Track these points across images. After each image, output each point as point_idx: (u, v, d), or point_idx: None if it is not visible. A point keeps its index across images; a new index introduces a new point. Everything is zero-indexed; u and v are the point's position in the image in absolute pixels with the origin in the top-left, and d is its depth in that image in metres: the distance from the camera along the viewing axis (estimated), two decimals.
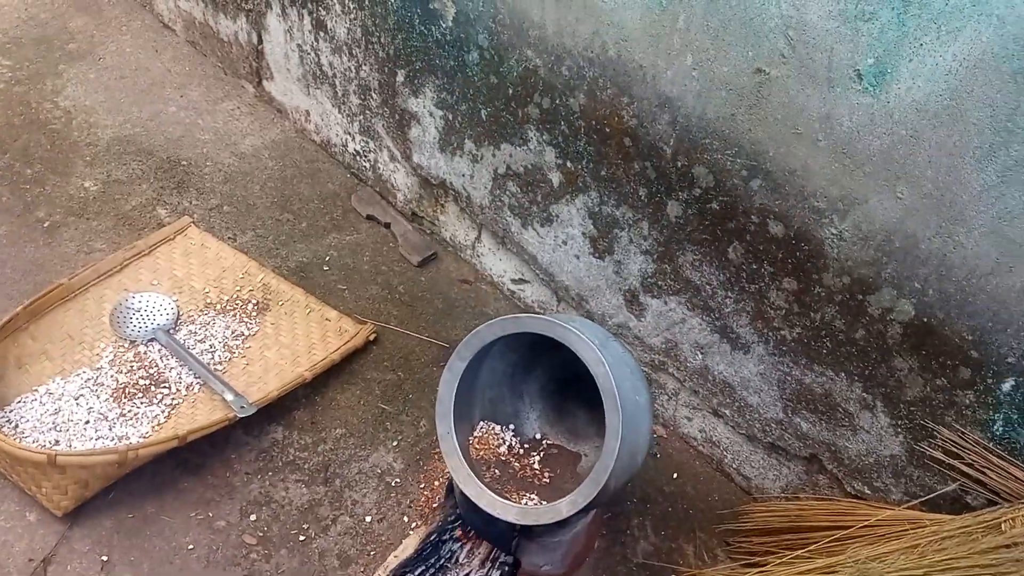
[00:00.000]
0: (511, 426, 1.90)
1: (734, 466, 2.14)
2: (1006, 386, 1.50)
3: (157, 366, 2.23)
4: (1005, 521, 1.46)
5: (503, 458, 1.83)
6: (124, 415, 2.08)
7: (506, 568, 1.81)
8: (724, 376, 2.03)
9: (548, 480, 1.84)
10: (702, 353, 2.06)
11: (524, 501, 1.75)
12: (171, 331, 2.32)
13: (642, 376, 1.75)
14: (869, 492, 1.81)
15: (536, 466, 1.84)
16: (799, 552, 1.71)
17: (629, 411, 1.59)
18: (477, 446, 1.82)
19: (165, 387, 2.17)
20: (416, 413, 2.25)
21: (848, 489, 1.85)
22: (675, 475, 2.18)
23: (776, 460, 2.02)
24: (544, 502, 1.72)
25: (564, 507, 1.59)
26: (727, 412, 2.07)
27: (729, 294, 1.91)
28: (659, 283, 2.07)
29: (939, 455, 1.62)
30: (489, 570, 1.84)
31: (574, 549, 1.84)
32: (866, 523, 1.66)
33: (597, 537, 1.99)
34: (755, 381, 1.96)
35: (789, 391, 1.89)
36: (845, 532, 1.66)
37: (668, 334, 2.13)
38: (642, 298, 2.14)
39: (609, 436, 1.56)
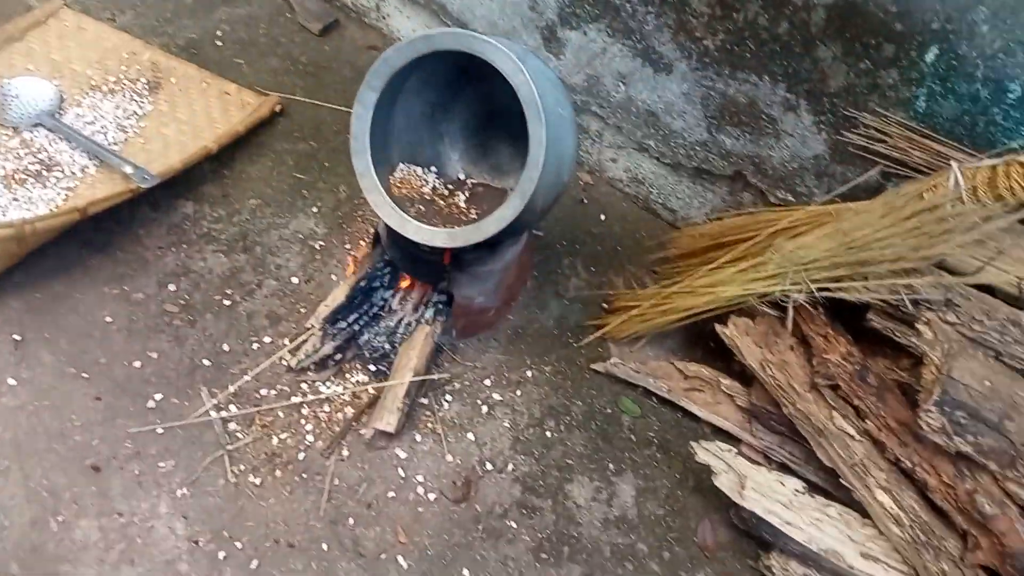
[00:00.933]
0: (432, 168, 1.82)
1: (660, 201, 2.13)
2: (930, 56, 1.47)
3: (46, 151, 2.05)
4: (927, 190, 1.47)
5: (427, 197, 1.76)
6: (17, 200, 1.92)
7: (439, 306, 1.80)
8: (648, 104, 1.97)
9: (475, 216, 1.78)
10: (624, 84, 1.99)
11: None
12: (56, 115, 2.12)
13: (565, 92, 1.67)
14: (793, 199, 1.82)
15: (462, 204, 1.78)
16: (725, 258, 1.72)
17: (553, 122, 1.51)
18: (399, 185, 1.74)
19: (59, 171, 2.01)
20: (333, 180, 2.15)
21: (772, 200, 1.86)
22: (602, 217, 2.16)
23: (701, 186, 2.01)
24: None
25: (491, 224, 1.54)
26: (652, 144, 2.03)
27: (650, 9, 1.81)
28: (577, 11, 1.95)
29: (862, 142, 1.61)
30: (423, 312, 1.82)
31: (506, 281, 1.83)
32: (787, 223, 1.67)
33: (529, 273, 1.98)
34: (679, 104, 1.90)
35: (713, 107, 1.85)
36: (769, 232, 1.67)
37: (589, 69, 2.03)
38: (560, 33, 2.03)
39: (533, 146, 1.48)
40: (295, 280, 1.93)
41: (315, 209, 2.08)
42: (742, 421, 1.74)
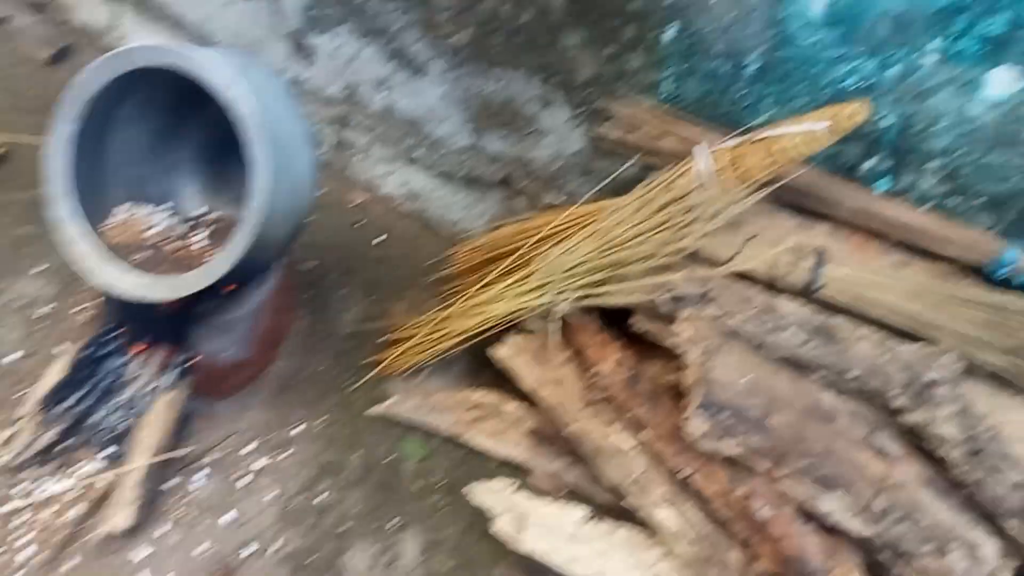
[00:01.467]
0: (169, 204, 1.57)
1: (438, 215, 1.95)
2: (669, 34, 1.35)
3: None
4: (677, 178, 1.35)
5: (155, 241, 1.50)
6: None
7: (183, 368, 1.55)
8: (409, 111, 1.79)
9: None
10: (383, 90, 1.80)
11: None
12: None
13: (294, 105, 1.44)
14: (564, 199, 1.68)
15: (205, 242, 1.53)
16: (495, 273, 1.57)
17: (280, 139, 1.30)
18: (115, 232, 1.47)
19: None
20: None
21: (544, 203, 1.71)
22: (380, 238, 1.97)
23: (476, 195, 1.84)
24: None
25: (218, 265, 1.30)
26: (420, 154, 1.84)
27: (393, 7, 1.63)
28: (320, 14, 1.74)
29: (618, 134, 1.48)
30: (163, 378, 1.56)
31: (260, 327, 1.59)
32: (555, 227, 1.52)
33: (292, 313, 1.76)
34: (439, 108, 1.73)
35: (473, 109, 1.68)
36: (539, 238, 1.52)
37: (345, 77, 1.83)
38: (308, 39, 1.82)
39: (258, 171, 1.26)
40: (12, 358, 1.63)
41: (42, 267, 1.79)
42: (531, 446, 1.59)
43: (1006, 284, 1.25)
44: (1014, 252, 1.23)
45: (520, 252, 1.52)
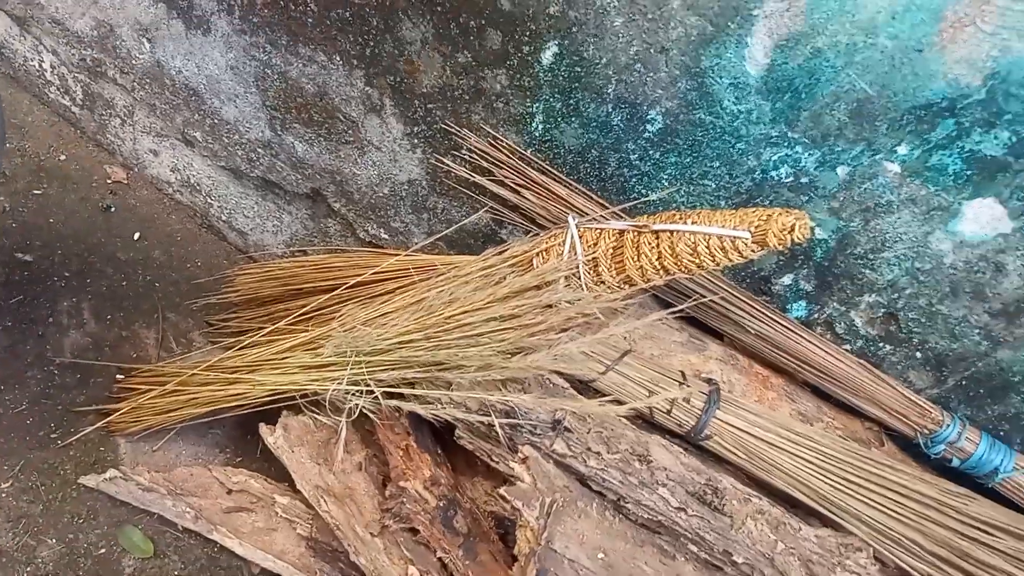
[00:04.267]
0: None
1: (224, 218, 1.48)
2: (547, 55, 0.97)
3: None
4: (538, 254, 0.99)
5: None
6: None
7: None
8: (185, 77, 1.30)
9: None
10: (149, 40, 1.30)
11: None
12: None
13: None
14: (387, 237, 1.28)
15: None
16: (281, 323, 1.15)
17: None
18: None
19: None
20: None
21: (362, 235, 1.30)
22: (137, 236, 1.47)
23: (274, 204, 1.39)
24: None
25: None
26: (199, 136, 1.37)
27: None
28: None
29: (464, 172, 1.10)
30: None
31: None
32: (377, 273, 1.13)
33: None
34: (227, 81, 1.26)
35: (273, 93, 1.23)
36: (353, 284, 1.12)
37: (97, 11, 1.31)
38: None
39: None
40: None
41: None
42: (305, 556, 1.20)
43: (940, 465, 1.00)
44: (955, 426, 0.97)
45: (326, 295, 1.11)
